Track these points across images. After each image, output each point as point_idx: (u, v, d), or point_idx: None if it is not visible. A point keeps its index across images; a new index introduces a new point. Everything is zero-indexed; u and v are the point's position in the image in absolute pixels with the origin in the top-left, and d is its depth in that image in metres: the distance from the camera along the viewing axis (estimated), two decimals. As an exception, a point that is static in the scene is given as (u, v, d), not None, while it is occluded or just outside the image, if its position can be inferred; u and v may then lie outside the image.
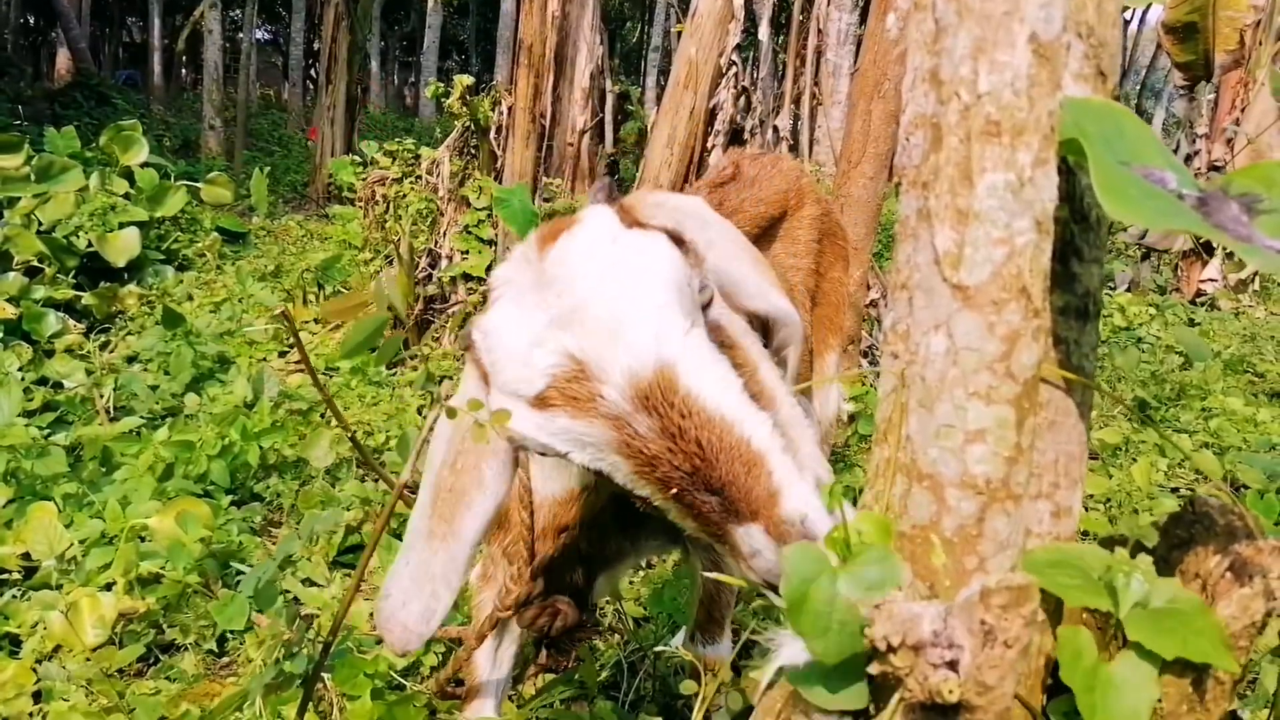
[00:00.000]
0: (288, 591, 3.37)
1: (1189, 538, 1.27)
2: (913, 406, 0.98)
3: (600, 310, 1.25)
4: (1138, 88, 25.21)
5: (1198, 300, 9.95)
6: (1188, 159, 10.69)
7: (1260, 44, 9.74)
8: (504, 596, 1.90)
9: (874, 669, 0.87)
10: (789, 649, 0.99)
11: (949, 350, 0.92)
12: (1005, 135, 0.88)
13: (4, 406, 4.10)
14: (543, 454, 1.32)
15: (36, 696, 2.89)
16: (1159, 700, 1.04)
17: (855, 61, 9.88)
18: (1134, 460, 4.94)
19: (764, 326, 1.87)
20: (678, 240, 1.36)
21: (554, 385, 1.24)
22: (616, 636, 3.18)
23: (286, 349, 5.90)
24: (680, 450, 1.19)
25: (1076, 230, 1.13)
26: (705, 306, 1.35)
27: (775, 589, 1.13)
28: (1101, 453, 5.04)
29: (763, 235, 2.74)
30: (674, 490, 1.20)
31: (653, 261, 1.30)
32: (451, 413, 1.42)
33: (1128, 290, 10.09)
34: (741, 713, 2.10)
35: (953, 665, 0.82)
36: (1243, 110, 10.06)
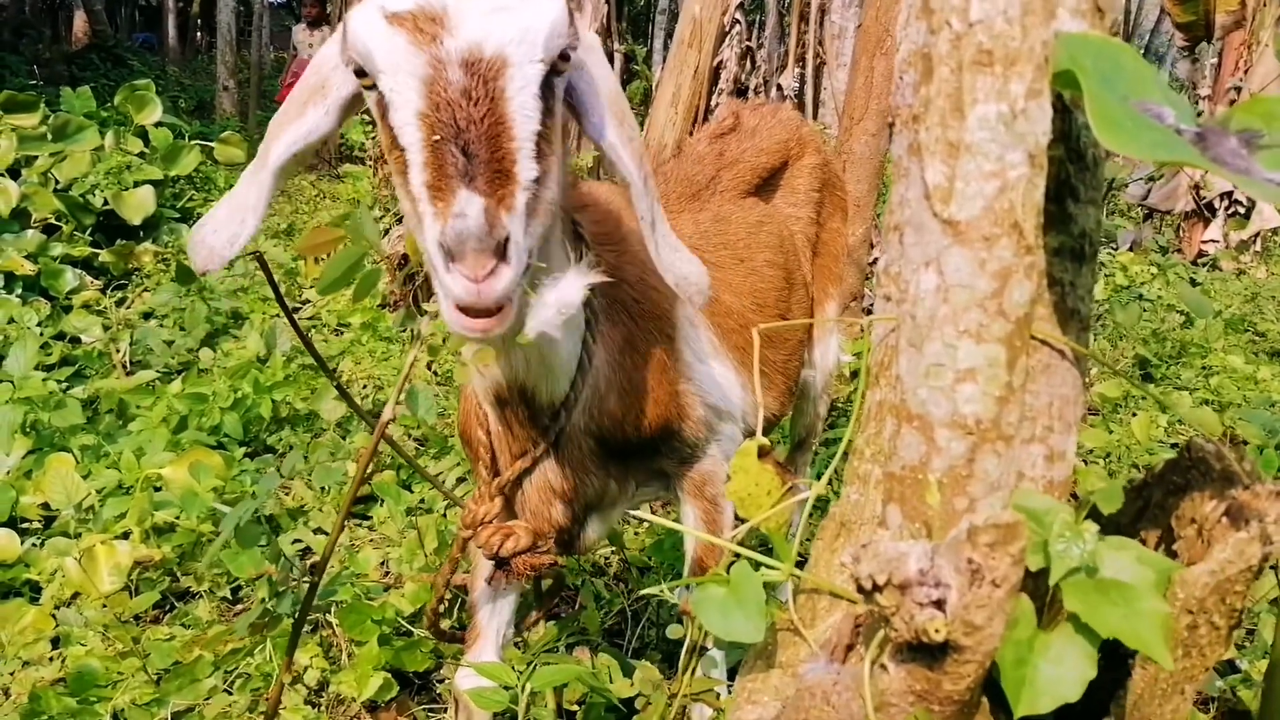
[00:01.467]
0: (299, 541, 3.37)
1: (1185, 483, 1.23)
2: (902, 346, 0.94)
3: None
4: (1141, 51, 24.95)
5: (1199, 261, 9.84)
6: None
7: (1264, 4, 9.57)
8: (465, 515, 1.92)
9: (860, 608, 0.84)
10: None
11: (939, 287, 0.89)
12: (997, 65, 0.84)
13: (21, 359, 4.09)
14: (360, 73, 1.45)
15: (55, 642, 2.90)
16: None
17: (859, 25, 9.77)
18: (1134, 415, 4.90)
19: None
20: (570, 14, 1.48)
21: (416, 11, 1.37)
22: (621, 585, 3.17)
23: (299, 305, 5.88)
24: (465, 110, 1.34)
25: (1072, 170, 1.08)
26: (563, 59, 1.46)
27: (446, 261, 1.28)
28: (1102, 407, 5.00)
29: (764, 185, 2.70)
30: (436, 137, 1.33)
31: (548, 3, 1.43)
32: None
33: (1130, 250, 9.97)
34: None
35: (939, 605, 0.79)
36: (1246, 71, 9.90)
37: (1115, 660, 1.13)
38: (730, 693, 1.40)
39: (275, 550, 2.11)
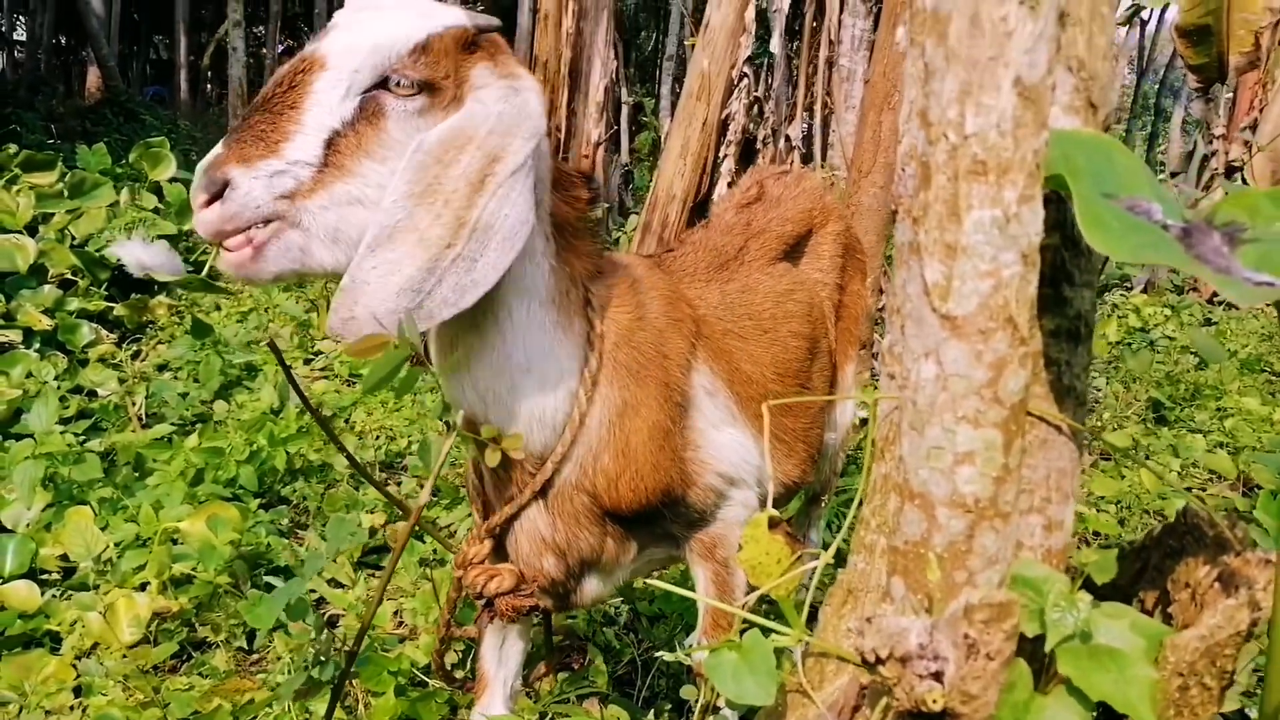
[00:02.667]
0: (314, 591, 3.44)
1: (1180, 548, 1.30)
2: (905, 429, 1.01)
3: (353, 15, 1.65)
4: (1156, 85, 24.92)
5: (1215, 300, 9.86)
6: (1205, 160, 10.58)
7: (1278, 45, 9.64)
8: (458, 555, 2.02)
9: (864, 679, 0.91)
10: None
11: (938, 376, 0.96)
12: (991, 174, 0.91)
13: (43, 415, 4.18)
14: None
15: (75, 691, 2.96)
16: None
17: (869, 66, 9.89)
18: (1147, 458, 4.94)
19: None
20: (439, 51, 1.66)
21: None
22: (631, 635, 3.22)
23: (311, 356, 5.97)
24: (272, 90, 1.60)
25: (1068, 256, 1.16)
26: (401, 85, 1.62)
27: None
28: (1112, 454, 5.04)
29: (790, 252, 2.78)
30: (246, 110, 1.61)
31: (389, 25, 1.63)
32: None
33: (1144, 291, 9.99)
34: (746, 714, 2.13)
35: (938, 676, 0.85)
36: (1260, 111, 9.96)
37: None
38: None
39: (320, 622, 2.20)
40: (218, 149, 1.56)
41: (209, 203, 1.55)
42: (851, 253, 3.03)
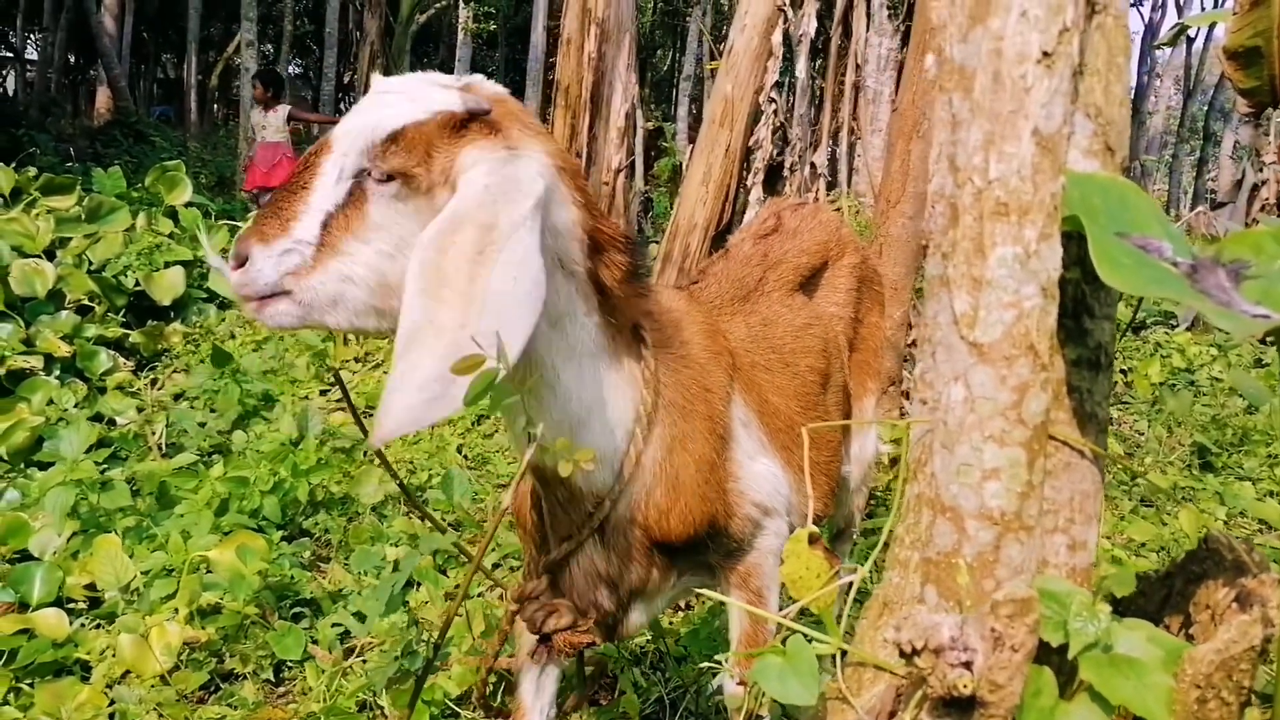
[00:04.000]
0: (339, 625, 3.57)
1: (1202, 572, 1.43)
2: (936, 447, 1.15)
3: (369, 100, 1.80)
4: (1205, 108, 24.94)
5: (1267, 339, 9.77)
6: (1255, 189, 10.42)
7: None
8: (514, 590, 2.16)
9: (900, 670, 1.05)
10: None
11: (967, 399, 1.10)
12: (1013, 214, 1.06)
13: (74, 442, 4.36)
14: None
15: (108, 719, 3.10)
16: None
17: (895, 88, 10.04)
18: (1189, 501, 4.98)
19: None
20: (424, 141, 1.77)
21: None
22: (658, 673, 3.34)
23: (328, 387, 6.13)
24: (294, 176, 1.79)
25: (1088, 290, 1.30)
26: (387, 175, 1.75)
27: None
28: (1153, 497, 5.11)
29: (806, 283, 2.93)
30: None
31: (379, 112, 1.77)
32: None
33: (1189, 329, 9.87)
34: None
35: (968, 665, 0.99)
36: (1313, 135, 9.92)
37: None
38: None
39: (412, 617, 2.37)
40: (250, 222, 1.81)
41: (236, 268, 1.77)
42: (868, 285, 3.18)
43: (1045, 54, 1.06)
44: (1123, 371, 7.24)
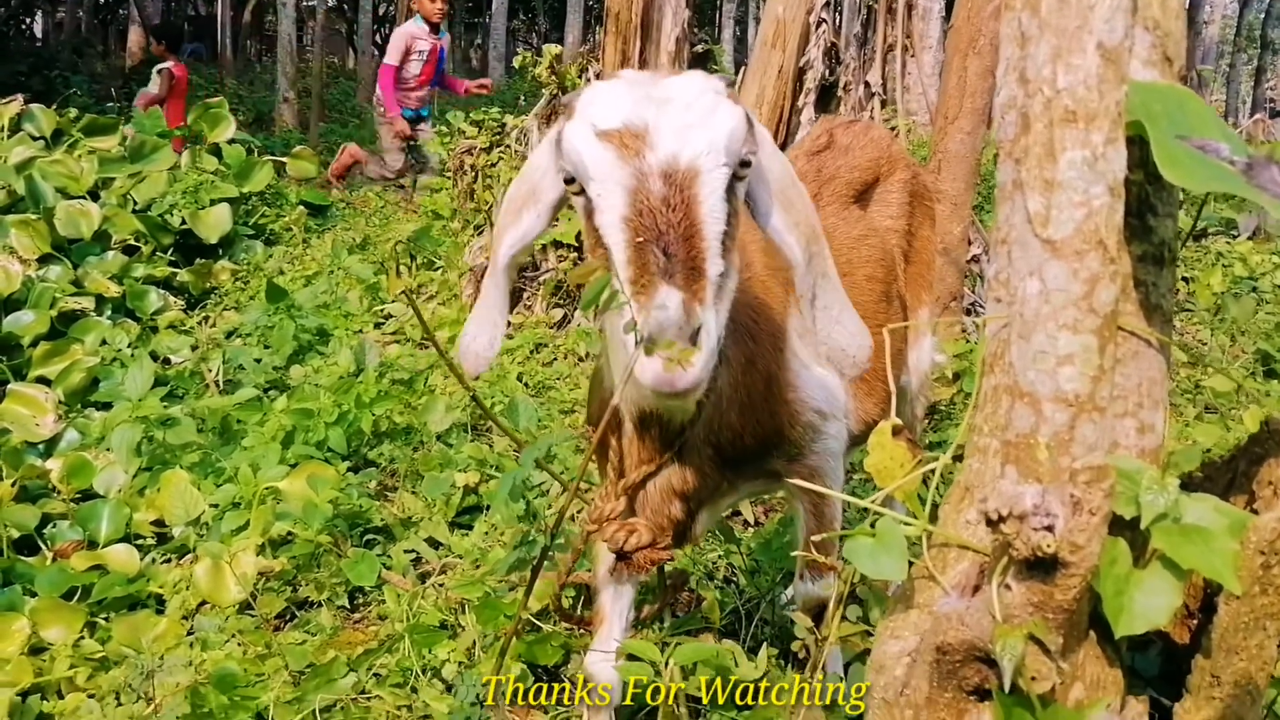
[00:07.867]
0: (411, 551, 3.78)
1: (1264, 453, 1.59)
2: (1013, 339, 1.31)
3: (684, 114, 1.82)
4: (1261, 16, 24.55)
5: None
6: None
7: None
8: (593, 512, 2.34)
9: (989, 536, 1.21)
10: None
11: (1041, 292, 1.26)
12: (1080, 121, 1.21)
13: (139, 379, 4.59)
14: (569, 180, 1.90)
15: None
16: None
17: (946, 4, 10.02)
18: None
19: None
20: (750, 123, 1.92)
21: (622, 129, 1.80)
22: (731, 586, 3.54)
23: (381, 320, 6.34)
24: (665, 214, 1.75)
25: (1151, 190, 1.45)
26: (743, 165, 1.89)
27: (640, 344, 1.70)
28: (1217, 403, 5.21)
29: (858, 199, 3.08)
30: (639, 239, 1.74)
31: (729, 117, 1.85)
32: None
33: (1251, 238, 9.85)
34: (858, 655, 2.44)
35: (1050, 529, 1.15)
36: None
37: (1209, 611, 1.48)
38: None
39: (532, 510, 2.91)
40: (663, 288, 1.72)
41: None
42: (919, 199, 3.34)
43: (1109, -30, 1.20)
44: (1185, 280, 7.30)
